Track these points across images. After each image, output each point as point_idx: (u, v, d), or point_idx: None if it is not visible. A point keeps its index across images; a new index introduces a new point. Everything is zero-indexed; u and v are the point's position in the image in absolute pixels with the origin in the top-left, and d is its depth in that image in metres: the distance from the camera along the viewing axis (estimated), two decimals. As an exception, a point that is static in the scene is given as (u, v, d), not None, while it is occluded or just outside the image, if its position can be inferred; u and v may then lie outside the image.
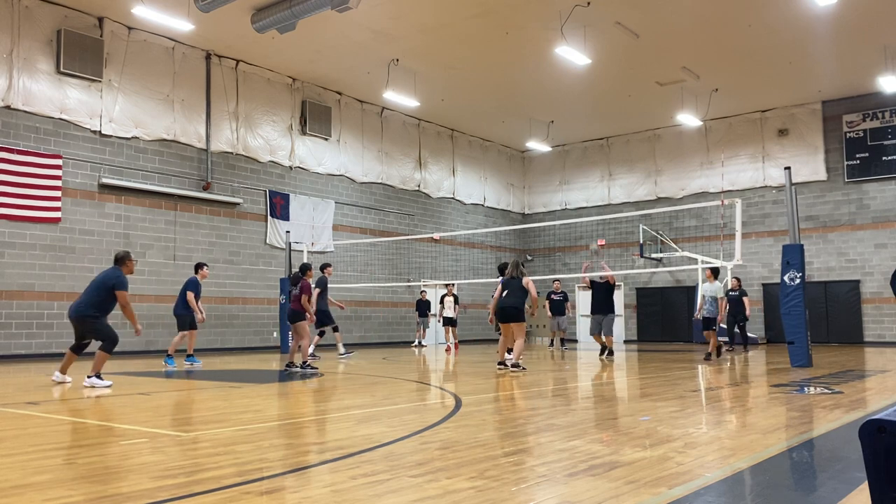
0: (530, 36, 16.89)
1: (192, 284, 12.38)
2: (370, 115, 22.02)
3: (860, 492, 3.04)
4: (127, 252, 9.14)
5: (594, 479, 3.33)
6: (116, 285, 8.56)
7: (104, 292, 8.58)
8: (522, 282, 10.89)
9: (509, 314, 10.90)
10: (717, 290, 13.62)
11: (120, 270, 8.77)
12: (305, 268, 11.31)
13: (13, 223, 14.47)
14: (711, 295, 13.57)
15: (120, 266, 8.85)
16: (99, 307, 8.55)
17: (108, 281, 8.62)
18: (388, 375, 10.11)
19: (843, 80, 20.39)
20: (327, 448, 4.29)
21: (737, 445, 4.22)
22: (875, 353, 15.93)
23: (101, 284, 8.64)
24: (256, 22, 15.52)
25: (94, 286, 8.68)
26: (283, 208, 19.41)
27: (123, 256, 8.96)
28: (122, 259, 8.93)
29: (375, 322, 21.78)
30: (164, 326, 16.51)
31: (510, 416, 5.66)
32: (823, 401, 6.48)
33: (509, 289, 10.98)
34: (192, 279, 12.49)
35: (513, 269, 11.12)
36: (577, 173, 26.97)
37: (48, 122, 15.06)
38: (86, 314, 8.53)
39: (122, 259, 8.93)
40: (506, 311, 10.90)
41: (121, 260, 8.91)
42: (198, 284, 12.50)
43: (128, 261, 8.98)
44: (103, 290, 8.59)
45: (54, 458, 3.93)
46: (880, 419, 1.66)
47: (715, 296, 13.54)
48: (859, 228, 21.49)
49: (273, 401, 7.26)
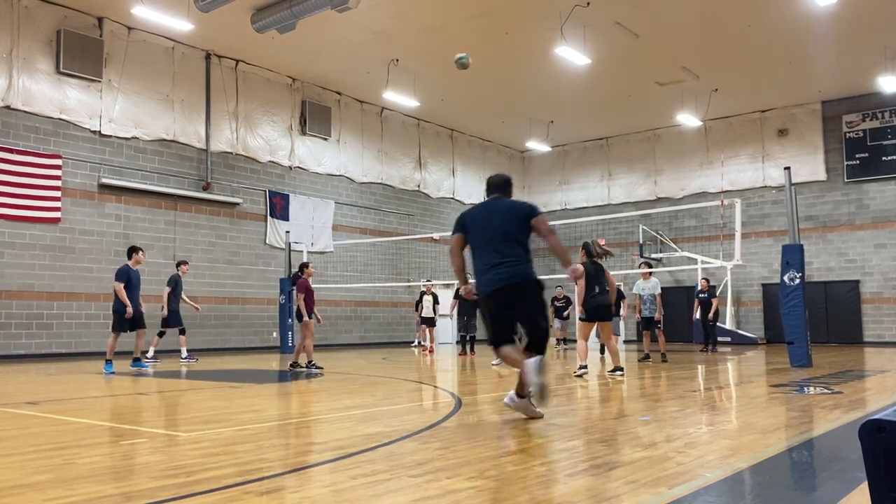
0: (530, 36, 16.89)
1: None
2: (370, 115, 22.02)
3: (860, 492, 3.04)
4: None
5: (594, 479, 3.33)
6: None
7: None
8: (606, 273, 9.58)
9: (603, 314, 9.53)
10: (654, 287, 12.91)
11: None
12: (302, 266, 11.34)
13: (13, 223, 14.46)
14: (649, 293, 12.86)
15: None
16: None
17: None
18: (387, 375, 10.11)
19: (843, 80, 20.39)
20: (327, 448, 4.29)
21: (737, 445, 4.22)
22: (875, 353, 15.93)
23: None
24: (256, 22, 15.53)
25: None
26: (283, 208, 19.41)
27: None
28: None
29: (375, 322, 21.78)
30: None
31: (510, 416, 5.66)
32: (823, 401, 6.48)
33: (599, 282, 9.43)
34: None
35: (595, 248, 9.66)
36: (577, 173, 26.98)
37: (48, 122, 15.06)
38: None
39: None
40: (601, 310, 9.49)
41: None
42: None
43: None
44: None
45: (54, 458, 3.93)
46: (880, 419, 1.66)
47: (653, 293, 12.85)
48: (859, 228, 21.49)
49: (273, 401, 7.26)
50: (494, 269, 5.19)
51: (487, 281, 5.21)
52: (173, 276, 13.43)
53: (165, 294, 13.11)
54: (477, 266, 5.33)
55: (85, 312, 15.38)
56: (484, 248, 5.29)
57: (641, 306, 13.07)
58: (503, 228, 5.27)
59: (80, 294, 15.33)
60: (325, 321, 14.55)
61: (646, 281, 13.00)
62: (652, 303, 12.87)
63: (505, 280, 5.15)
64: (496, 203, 5.50)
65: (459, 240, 5.44)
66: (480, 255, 5.30)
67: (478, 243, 5.34)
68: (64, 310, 15.10)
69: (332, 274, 20.31)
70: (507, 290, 5.16)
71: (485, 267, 5.25)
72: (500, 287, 5.16)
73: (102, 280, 15.68)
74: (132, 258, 11.33)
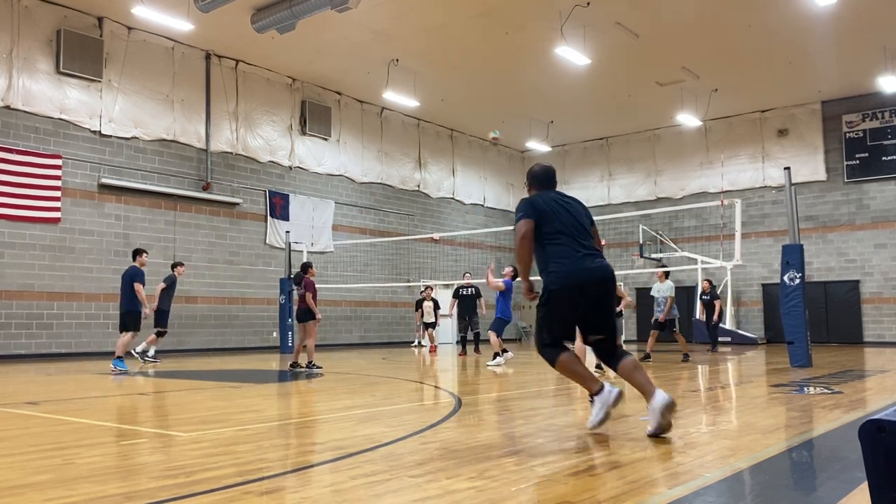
0: (530, 36, 16.90)
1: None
2: (370, 115, 22.03)
3: (860, 492, 3.04)
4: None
5: (594, 479, 3.33)
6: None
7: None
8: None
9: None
10: (668, 289, 13.17)
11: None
12: (306, 266, 11.29)
13: (13, 223, 14.46)
14: (663, 295, 13.20)
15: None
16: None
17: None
18: (387, 375, 10.11)
19: (843, 80, 20.40)
20: (327, 448, 4.29)
21: (737, 445, 4.22)
22: (875, 353, 15.93)
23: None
24: (256, 22, 15.53)
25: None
26: (283, 208, 19.41)
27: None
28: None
29: (375, 322, 21.78)
30: (163, 326, 16.51)
31: (510, 416, 5.66)
32: (823, 401, 6.48)
33: None
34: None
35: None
36: (577, 173, 26.97)
37: (48, 122, 15.06)
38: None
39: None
40: None
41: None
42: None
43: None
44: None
45: (54, 458, 3.92)
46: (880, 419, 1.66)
47: (665, 295, 13.14)
48: (859, 228, 21.49)
49: (273, 401, 7.26)
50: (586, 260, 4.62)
51: (575, 272, 4.56)
52: (170, 276, 13.46)
53: (158, 290, 13.12)
54: (559, 254, 4.64)
55: (85, 312, 15.38)
56: (571, 238, 4.67)
57: (655, 308, 13.31)
58: (581, 222, 4.81)
59: (80, 294, 15.33)
60: (325, 321, 14.60)
61: (661, 283, 13.27)
62: (662, 304, 13.11)
63: (600, 272, 4.63)
64: (566, 197, 5.02)
65: (532, 226, 4.66)
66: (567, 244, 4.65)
67: (563, 231, 4.68)
68: (64, 310, 15.10)
69: (332, 274, 20.31)
70: (598, 285, 4.63)
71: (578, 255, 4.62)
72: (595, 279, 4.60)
73: (102, 280, 15.68)
74: (137, 259, 11.48)
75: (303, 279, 11.02)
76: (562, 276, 4.57)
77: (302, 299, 10.95)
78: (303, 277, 11.05)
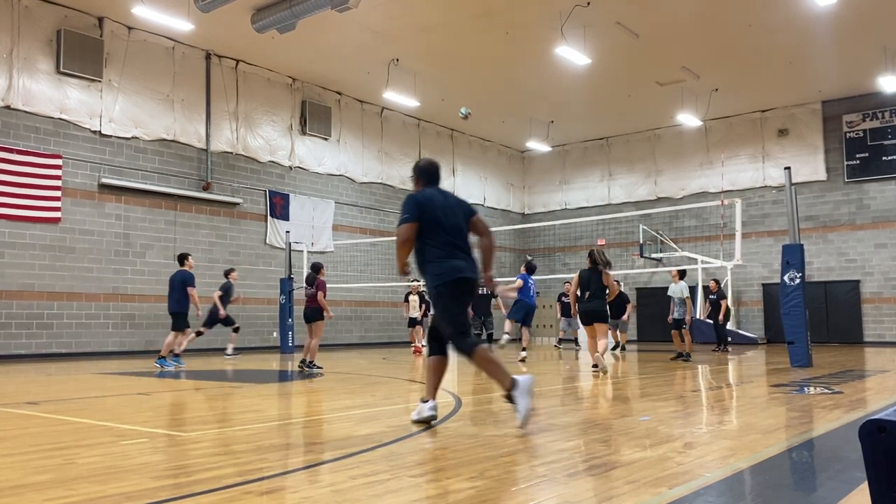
0: (530, 36, 16.89)
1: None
2: (370, 115, 22.03)
3: (860, 492, 3.04)
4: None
5: (594, 479, 3.33)
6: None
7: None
8: (605, 278, 10.07)
9: (597, 316, 10.04)
10: (680, 290, 13.48)
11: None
12: (318, 267, 11.36)
13: (13, 223, 14.47)
14: (678, 296, 13.51)
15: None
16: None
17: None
18: (387, 375, 10.11)
19: (843, 80, 20.39)
20: (327, 448, 4.29)
21: (737, 445, 4.22)
22: (875, 353, 15.93)
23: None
24: (256, 22, 15.53)
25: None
26: (283, 208, 19.41)
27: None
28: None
29: (375, 322, 21.78)
30: (163, 326, 16.47)
31: (510, 416, 5.66)
32: (823, 401, 6.48)
33: (591, 286, 10.04)
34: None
35: (602, 257, 10.17)
36: (577, 173, 26.98)
37: (48, 122, 15.06)
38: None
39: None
40: (595, 314, 10.04)
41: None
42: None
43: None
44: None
45: (54, 458, 3.93)
46: (880, 419, 1.66)
47: (680, 296, 13.47)
48: (859, 228, 21.49)
49: (273, 401, 7.25)
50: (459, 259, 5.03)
51: (449, 271, 4.95)
52: (226, 283, 14.67)
53: (216, 297, 14.43)
54: (435, 255, 5.00)
55: (85, 312, 15.38)
56: (448, 239, 5.05)
57: (673, 308, 13.66)
58: (457, 222, 5.16)
59: (80, 294, 15.33)
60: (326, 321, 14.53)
61: (675, 284, 13.59)
62: (679, 305, 13.44)
63: (469, 272, 5.01)
64: (446, 195, 5.34)
65: (415, 231, 5.04)
66: (443, 246, 5.03)
67: (441, 232, 5.04)
68: (64, 310, 15.10)
69: (332, 274, 20.29)
70: (471, 282, 5.02)
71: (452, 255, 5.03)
72: (463, 278, 4.96)
73: (103, 280, 15.69)
74: (186, 263, 12.15)
75: (315, 279, 11.06)
76: (440, 274, 4.95)
77: (312, 299, 10.97)
78: (315, 278, 11.09)
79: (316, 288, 10.94)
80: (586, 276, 10.17)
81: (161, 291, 16.51)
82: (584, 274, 10.22)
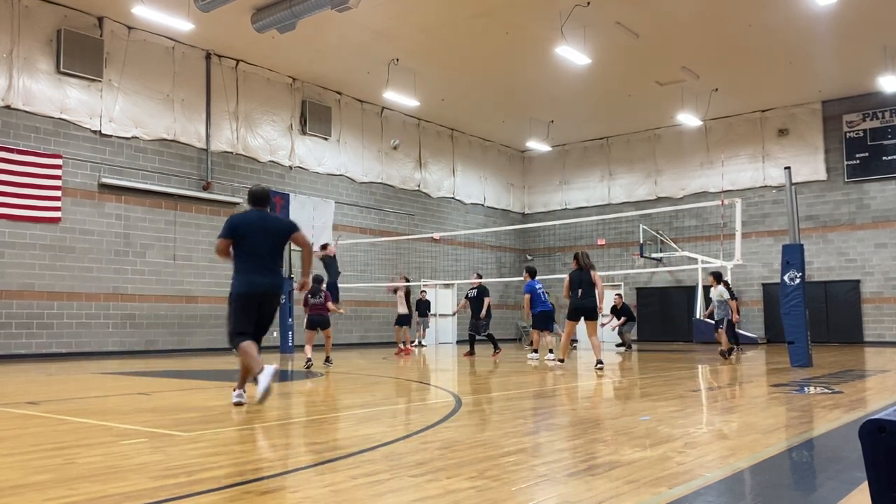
0: (530, 36, 16.89)
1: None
2: (370, 114, 22.03)
3: (860, 492, 3.04)
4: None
5: (594, 479, 3.33)
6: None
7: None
8: (593, 276, 10.67)
9: (589, 312, 10.63)
10: (718, 293, 14.19)
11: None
12: (320, 279, 12.15)
13: (13, 223, 14.47)
14: (716, 299, 14.25)
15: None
16: None
17: None
18: (388, 375, 10.12)
19: (843, 80, 20.39)
20: (327, 448, 4.29)
21: (737, 445, 4.23)
22: (875, 353, 15.93)
23: None
24: (256, 22, 15.52)
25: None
26: (283, 208, 19.40)
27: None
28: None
29: (375, 322, 21.77)
30: (163, 326, 16.53)
31: (510, 416, 5.66)
32: (823, 401, 6.48)
33: (583, 286, 10.63)
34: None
35: (585, 259, 10.80)
36: (577, 173, 26.98)
37: (48, 121, 15.06)
38: None
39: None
40: (584, 311, 10.63)
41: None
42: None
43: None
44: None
45: (54, 458, 3.93)
46: (880, 419, 1.66)
47: (718, 299, 14.19)
48: (859, 228, 21.49)
49: (273, 401, 7.25)
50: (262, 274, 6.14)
51: (247, 283, 6.05)
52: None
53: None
54: (240, 268, 6.11)
55: (85, 312, 15.39)
56: (254, 255, 6.10)
57: (714, 310, 14.47)
58: (269, 241, 6.17)
59: (80, 294, 15.33)
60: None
61: (714, 289, 14.30)
62: (718, 307, 14.17)
63: (266, 287, 6.10)
64: (266, 218, 6.29)
65: (227, 244, 6.12)
66: (248, 260, 6.10)
67: (249, 248, 6.08)
68: (64, 309, 15.11)
69: (333, 274, 20.29)
70: (266, 295, 6.11)
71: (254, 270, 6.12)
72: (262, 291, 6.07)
73: (103, 280, 15.69)
74: (327, 248, 13.67)
75: (319, 290, 11.81)
76: (239, 285, 6.07)
77: (321, 307, 11.70)
78: (319, 289, 11.82)
79: (324, 298, 11.74)
80: (576, 276, 10.79)
81: (161, 291, 16.57)
82: (574, 275, 10.84)
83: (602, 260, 25.21)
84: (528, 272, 13.96)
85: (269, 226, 6.23)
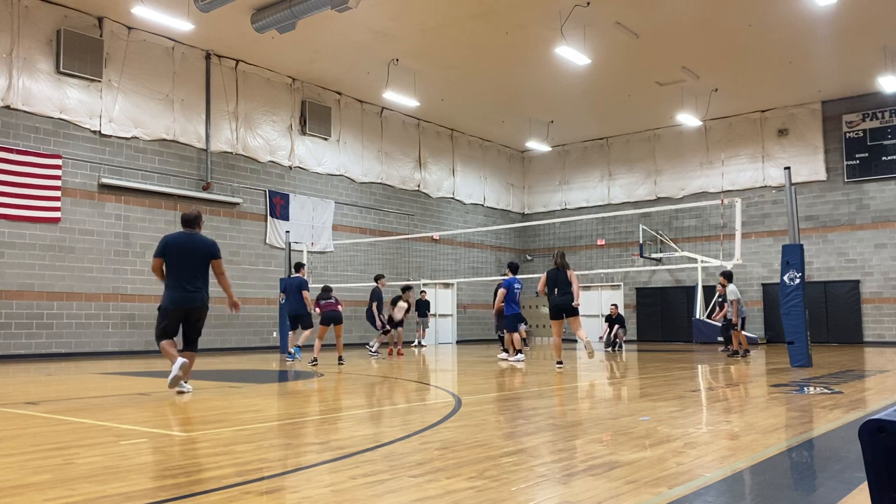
0: (530, 36, 16.90)
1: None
2: (370, 115, 22.03)
3: (860, 492, 3.04)
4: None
5: (594, 479, 3.33)
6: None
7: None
8: (569, 275, 10.80)
9: (568, 309, 10.74)
10: (730, 293, 14.55)
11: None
12: (329, 288, 12.83)
13: (13, 223, 14.47)
14: (730, 298, 14.62)
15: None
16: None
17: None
18: (387, 375, 10.12)
19: (843, 80, 20.40)
20: (327, 448, 4.29)
21: (737, 445, 4.23)
22: (875, 353, 15.93)
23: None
24: (256, 22, 15.53)
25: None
26: (283, 208, 19.41)
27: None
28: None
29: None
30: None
31: (510, 416, 5.66)
32: (823, 401, 6.48)
33: (559, 284, 10.78)
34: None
35: (560, 259, 10.93)
36: (577, 173, 26.98)
37: (48, 122, 15.06)
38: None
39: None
40: (564, 308, 10.74)
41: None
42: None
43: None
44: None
45: (54, 458, 3.93)
46: (880, 419, 1.66)
47: (732, 298, 14.58)
48: (859, 228, 21.49)
49: (273, 401, 7.25)
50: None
51: (172, 299, 7.20)
52: (375, 289, 15.11)
53: (374, 307, 15.10)
54: (167, 284, 7.28)
55: (85, 312, 15.39)
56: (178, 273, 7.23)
57: (727, 310, 14.95)
58: (193, 261, 7.25)
59: (79, 294, 15.33)
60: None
61: (727, 288, 14.60)
62: (732, 306, 14.49)
63: (189, 302, 7.22)
64: (193, 239, 7.36)
65: (160, 262, 7.29)
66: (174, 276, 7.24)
67: (175, 266, 7.20)
68: (64, 310, 15.11)
69: (332, 274, 20.31)
70: (188, 310, 7.22)
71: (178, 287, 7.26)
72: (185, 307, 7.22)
73: (102, 280, 15.69)
74: (301, 271, 13.94)
75: (330, 294, 12.59)
76: (165, 299, 7.22)
77: (335, 305, 12.43)
78: (330, 293, 12.63)
79: (336, 301, 12.54)
80: (553, 274, 10.93)
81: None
82: (551, 273, 10.98)
83: (602, 260, 25.22)
84: (509, 268, 13.77)
85: (193, 247, 7.24)
